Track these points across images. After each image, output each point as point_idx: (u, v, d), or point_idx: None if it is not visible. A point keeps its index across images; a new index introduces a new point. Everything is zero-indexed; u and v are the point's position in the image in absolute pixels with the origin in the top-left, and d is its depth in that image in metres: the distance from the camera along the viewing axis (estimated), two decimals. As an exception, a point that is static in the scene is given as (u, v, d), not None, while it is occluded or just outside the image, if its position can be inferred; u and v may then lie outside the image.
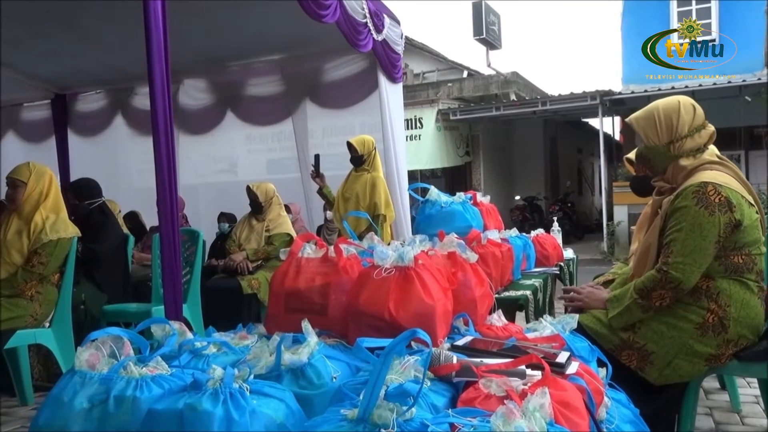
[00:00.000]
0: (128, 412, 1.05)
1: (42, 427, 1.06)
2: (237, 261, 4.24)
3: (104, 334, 1.17)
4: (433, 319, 1.42)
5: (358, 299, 1.45)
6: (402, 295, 1.43)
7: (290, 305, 1.53)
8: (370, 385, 0.92)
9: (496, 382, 1.13)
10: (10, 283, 2.85)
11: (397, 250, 1.48)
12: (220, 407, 0.99)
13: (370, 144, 4.37)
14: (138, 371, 1.12)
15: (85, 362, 1.12)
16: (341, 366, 1.30)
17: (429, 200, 2.44)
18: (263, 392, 1.08)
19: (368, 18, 4.84)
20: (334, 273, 1.54)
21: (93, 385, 1.09)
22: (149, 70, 2.87)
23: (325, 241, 5.07)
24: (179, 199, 3.54)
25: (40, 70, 5.85)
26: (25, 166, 3.09)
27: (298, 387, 1.19)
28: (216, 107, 6.16)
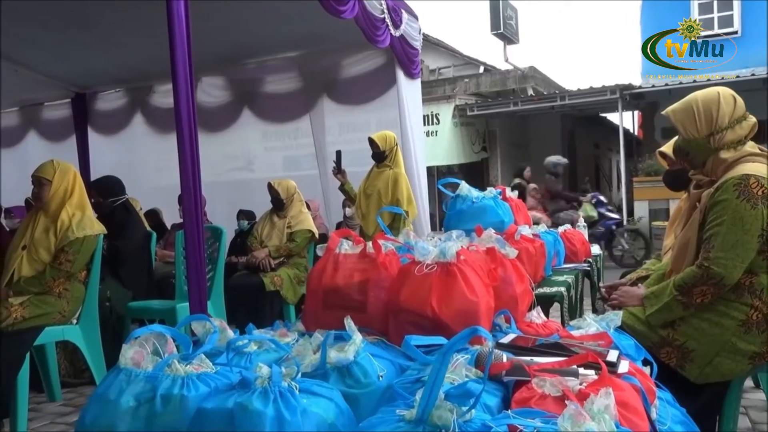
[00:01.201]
0: (176, 411, 1.03)
1: (89, 425, 1.04)
2: (259, 258, 4.23)
3: (147, 331, 1.15)
4: (477, 317, 1.38)
5: (399, 296, 1.42)
6: (444, 291, 1.39)
7: (329, 302, 1.50)
8: (428, 384, 0.89)
9: (550, 381, 1.09)
10: (39, 280, 2.85)
11: (439, 246, 1.44)
12: (271, 406, 0.97)
13: (392, 140, 4.34)
14: (183, 369, 1.10)
15: (130, 360, 1.10)
16: (385, 364, 1.27)
17: (460, 195, 2.40)
18: (312, 391, 1.05)
19: (386, 13, 4.81)
20: (373, 269, 1.51)
21: (139, 383, 1.07)
22: (173, 68, 2.86)
23: (345, 238, 5.03)
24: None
25: (60, 69, 5.89)
26: (49, 164, 3.09)
27: (344, 386, 1.17)
28: (233, 105, 6.17)
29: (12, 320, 2.68)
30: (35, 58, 5.49)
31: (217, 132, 6.22)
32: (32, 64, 5.64)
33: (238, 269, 4.41)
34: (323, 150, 5.88)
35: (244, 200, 5.52)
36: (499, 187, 2.66)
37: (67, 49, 5.27)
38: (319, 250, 1.58)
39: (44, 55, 5.42)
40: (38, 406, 3.12)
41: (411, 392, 1.06)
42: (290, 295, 4.21)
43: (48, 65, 5.74)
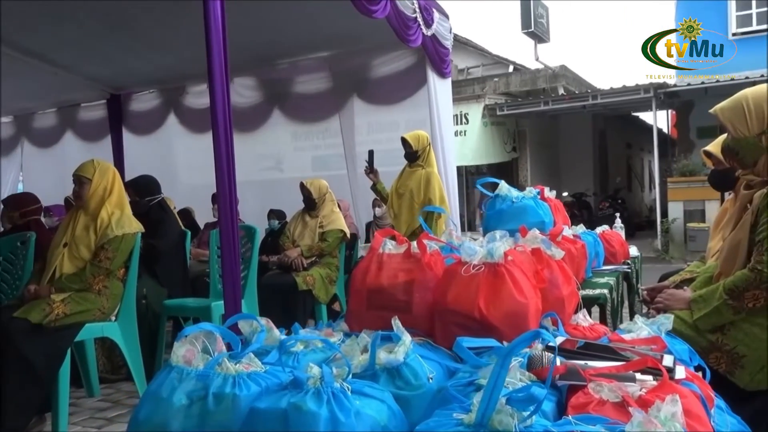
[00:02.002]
0: (228, 410, 1.03)
1: (142, 422, 1.05)
2: (292, 257, 4.25)
3: (197, 329, 1.15)
4: (526, 319, 1.35)
5: (446, 297, 1.40)
6: (492, 292, 1.36)
7: (373, 302, 1.49)
8: (488, 388, 0.87)
9: (608, 386, 1.06)
10: (79, 277, 2.90)
11: (486, 246, 1.41)
12: (325, 407, 0.96)
13: (424, 139, 4.31)
14: (234, 368, 1.09)
15: (181, 358, 1.10)
16: (434, 366, 1.25)
17: (499, 195, 2.36)
18: (364, 392, 1.04)
19: (418, 13, 4.80)
20: (418, 269, 1.49)
21: (190, 381, 1.07)
22: (209, 69, 2.88)
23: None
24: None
25: (96, 70, 6.01)
26: (89, 163, 3.14)
27: (394, 387, 1.15)
28: (264, 105, 6.20)
29: (54, 316, 2.73)
30: (72, 59, 5.61)
31: (247, 132, 6.27)
32: (70, 66, 5.76)
33: (270, 268, 4.43)
34: (352, 150, 5.88)
35: (274, 200, 5.56)
36: (538, 187, 2.62)
37: (104, 50, 5.36)
38: (362, 249, 1.56)
39: (81, 56, 5.53)
40: (77, 401, 3.17)
41: (465, 395, 1.04)
42: (322, 295, 4.22)
43: (85, 67, 5.85)
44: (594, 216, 11.74)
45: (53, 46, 5.24)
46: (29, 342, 2.64)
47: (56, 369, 2.72)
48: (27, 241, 3.43)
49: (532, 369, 1.16)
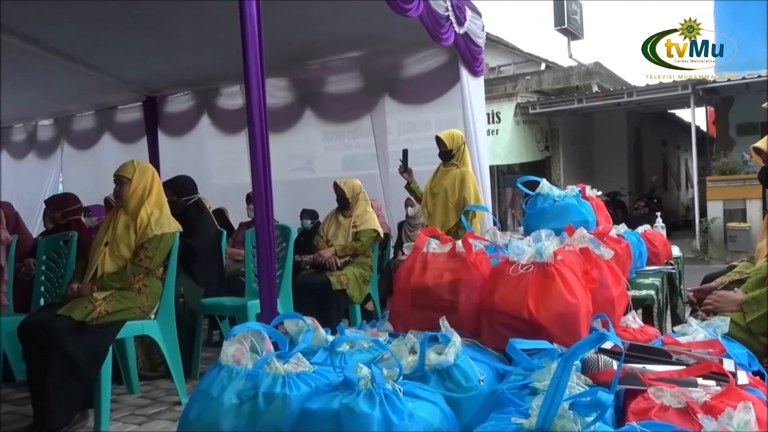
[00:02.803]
0: (278, 410, 1.02)
1: (193, 421, 1.04)
2: (326, 257, 4.26)
3: (245, 328, 1.14)
4: (578, 320, 1.31)
5: (493, 297, 1.37)
6: (542, 293, 1.33)
7: (417, 302, 1.46)
8: (549, 392, 0.84)
9: (669, 392, 1.01)
10: (120, 276, 2.94)
11: (535, 245, 1.38)
12: (378, 409, 0.94)
13: (459, 138, 4.27)
14: (283, 368, 1.08)
15: (231, 357, 1.09)
16: (483, 368, 1.22)
17: (541, 193, 2.31)
18: (415, 394, 1.02)
19: (450, 11, 4.76)
20: (463, 269, 1.46)
21: (240, 381, 1.06)
22: (245, 69, 2.90)
23: (406, 238, 5.01)
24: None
25: (132, 73, 6.12)
26: (129, 163, 3.19)
27: (445, 389, 1.13)
28: (295, 105, 6.23)
29: (96, 314, 2.77)
30: (110, 62, 5.73)
31: (279, 132, 6.30)
32: (107, 69, 5.88)
33: (303, 268, 4.45)
34: (384, 150, 5.86)
35: (305, 200, 5.59)
36: (579, 185, 2.56)
37: (140, 53, 5.46)
38: (406, 248, 1.54)
39: (118, 59, 5.64)
40: (118, 398, 3.22)
41: (520, 399, 1.01)
42: (356, 294, 4.22)
43: (121, 69, 5.97)
44: (629, 216, 11.49)
45: (92, 50, 5.36)
46: (73, 339, 2.69)
47: (99, 366, 2.77)
48: (69, 240, 3.50)
49: (587, 372, 1.12)
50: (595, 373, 1.12)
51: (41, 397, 2.67)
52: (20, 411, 3.08)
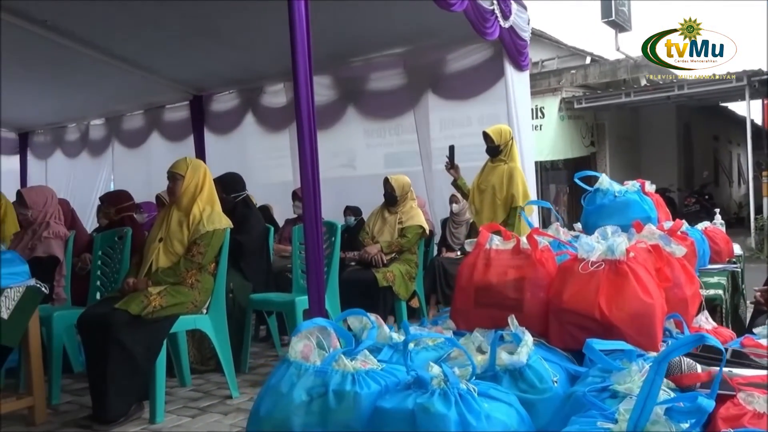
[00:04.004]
0: (350, 408, 1.00)
1: (263, 417, 1.04)
2: (372, 253, 4.25)
3: (312, 324, 1.13)
4: (653, 320, 1.25)
5: (561, 296, 1.32)
6: (614, 291, 1.28)
7: (480, 300, 1.43)
8: (641, 396, 0.79)
9: (762, 397, 0.95)
10: (174, 271, 2.99)
11: (606, 242, 1.32)
12: (454, 409, 0.91)
13: (507, 134, 4.19)
14: (351, 365, 1.06)
15: (299, 353, 1.08)
16: (555, 368, 1.18)
17: (600, 189, 2.24)
18: (490, 395, 0.99)
19: (495, 5, 4.69)
20: (528, 266, 1.42)
21: (309, 378, 1.05)
22: (294, 67, 2.90)
23: (450, 235, 4.95)
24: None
25: (180, 73, 6.24)
26: (182, 160, 3.24)
27: (518, 390, 1.09)
28: (338, 103, 6.24)
29: (151, 309, 2.83)
30: (159, 63, 5.86)
31: (322, 130, 6.27)
32: (156, 69, 6.02)
33: (347, 264, 4.45)
34: (427, 146, 5.82)
35: (347, 197, 5.59)
36: (639, 181, 2.47)
37: (187, 54, 5.57)
38: (468, 245, 1.51)
39: (167, 60, 5.76)
40: (170, 390, 3.28)
41: (600, 401, 0.97)
42: (402, 291, 4.20)
43: (170, 70, 6.10)
44: (679, 213, 11.13)
45: (141, 51, 5.49)
46: (130, 332, 2.75)
47: (154, 359, 2.83)
48: (124, 236, 3.59)
49: (669, 375, 1.07)
50: (678, 376, 1.06)
51: (100, 388, 2.74)
52: (79, 401, 3.17)
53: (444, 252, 5.30)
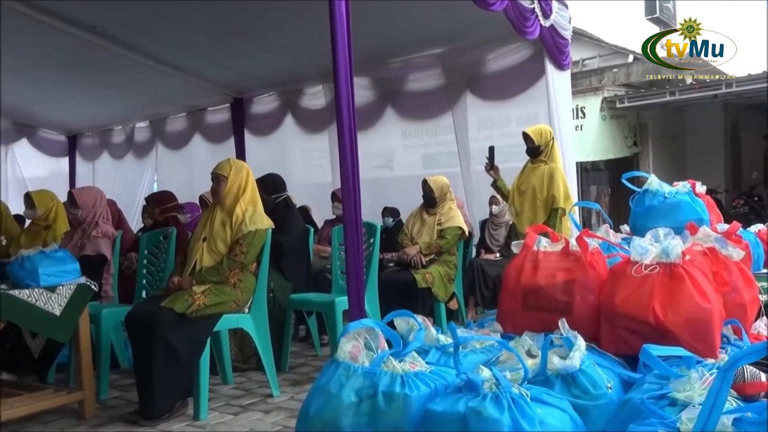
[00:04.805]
0: (399, 410, 1.00)
1: (313, 417, 1.04)
2: (411, 254, 4.24)
3: (360, 325, 1.13)
4: (711, 326, 1.21)
5: (613, 299, 1.29)
6: (669, 295, 1.24)
7: (528, 302, 1.41)
8: (707, 404, 0.76)
9: (834, 409, 0.91)
10: (217, 270, 3.05)
11: (660, 244, 1.28)
12: (507, 414, 0.90)
13: (547, 134, 4.13)
14: (400, 367, 1.06)
15: (348, 354, 1.08)
16: (608, 374, 1.15)
17: (649, 190, 2.17)
18: (543, 400, 0.97)
19: (536, 3, 4.62)
20: (578, 269, 1.39)
21: (358, 379, 1.05)
22: (334, 68, 2.92)
23: (489, 236, 4.89)
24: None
25: (221, 76, 6.36)
26: (226, 162, 3.30)
27: (570, 396, 1.06)
28: (376, 104, 6.25)
29: (196, 307, 2.89)
30: (201, 66, 5.98)
31: (360, 131, 6.31)
32: (198, 73, 6.15)
33: (385, 265, 4.45)
34: (466, 147, 5.78)
35: (384, 198, 5.60)
36: (690, 182, 2.39)
37: (229, 57, 5.67)
38: (515, 247, 1.48)
39: (208, 63, 5.88)
40: (213, 388, 3.33)
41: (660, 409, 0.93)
42: (441, 293, 4.17)
43: (211, 73, 6.22)
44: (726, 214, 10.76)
45: (184, 55, 5.62)
46: (175, 330, 2.81)
47: (198, 356, 2.88)
48: (169, 235, 3.67)
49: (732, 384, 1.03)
50: (741, 384, 1.02)
51: (146, 384, 2.81)
52: (126, 396, 3.25)
53: (483, 253, 5.25)
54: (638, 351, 1.17)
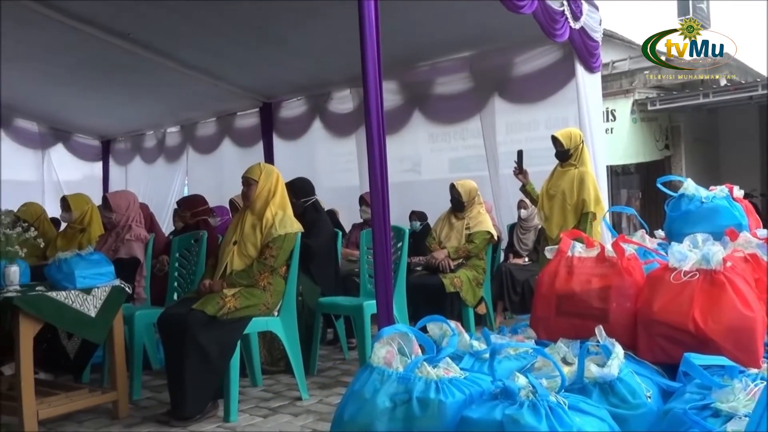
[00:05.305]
0: (434, 417, 0.99)
1: (347, 422, 1.04)
2: (439, 259, 4.23)
3: (394, 330, 1.13)
4: (753, 334, 1.18)
5: (651, 306, 1.26)
6: (710, 303, 1.21)
7: (563, 308, 1.39)
8: (755, 417, 0.74)
9: None
10: (247, 273, 3.08)
11: (699, 251, 1.26)
12: (544, 423, 0.88)
13: (577, 137, 4.07)
14: (435, 373, 1.05)
15: (382, 359, 1.08)
16: (646, 382, 1.12)
17: (685, 194, 2.12)
18: (580, 408, 0.95)
19: (565, 5, 4.57)
20: (614, 275, 1.36)
21: (392, 384, 1.05)
22: (363, 72, 2.93)
23: (518, 241, 4.84)
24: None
25: (250, 81, 6.44)
26: (256, 166, 3.33)
27: (608, 404, 1.05)
28: (404, 108, 6.25)
29: (226, 310, 2.92)
30: (232, 72, 6.07)
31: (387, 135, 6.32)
32: (229, 79, 6.25)
33: (413, 269, 4.44)
34: (494, 151, 5.75)
35: (411, 202, 5.59)
36: (727, 186, 2.33)
37: (259, 62, 5.74)
38: (548, 252, 1.47)
39: (238, 69, 5.97)
40: (242, 390, 3.36)
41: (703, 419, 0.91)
42: (470, 298, 4.15)
43: (240, 78, 6.31)
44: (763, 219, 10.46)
45: (214, 61, 5.71)
46: (206, 332, 2.85)
47: (228, 359, 2.91)
48: (200, 239, 3.72)
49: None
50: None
51: (178, 385, 2.85)
52: (158, 397, 3.30)
53: (511, 258, 5.20)
54: (676, 359, 1.14)
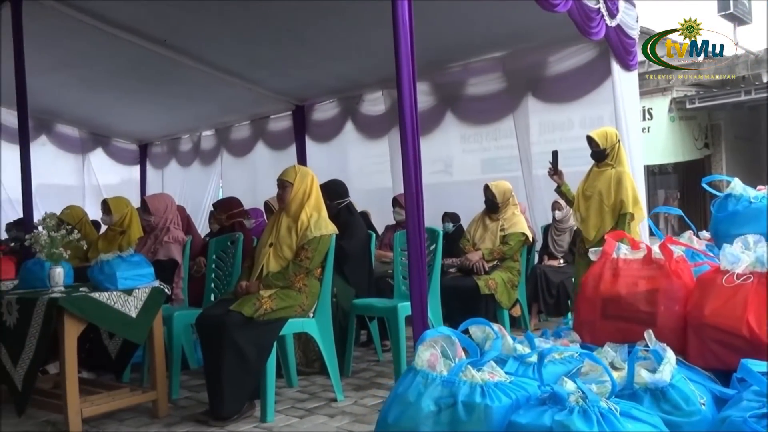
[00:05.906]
0: (480, 421, 0.98)
1: (391, 425, 1.04)
2: (473, 261, 4.19)
3: (437, 333, 1.12)
4: (812, 340, 1.13)
5: (702, 310, 1.23)
6: (765, 307, 1.16)
7: (608, 312, 1.36)
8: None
9: None
10: (283, 275, 3.10)
11: (753, 252, 1.21)
12: (596, 429, 0.86)
13: (613, 137, 3.99)
14: (479, 376, 1.04)
15: (425, 362, 1.07)
16: (699, 389, 1.09)
17: (732, 194, 2.05)
18: (632, 415, 0.93)
19: (601, 3, 4.48)
20: (662, 277, 1.33)
21: (436, 387, 1.04)
22: (397, 73, 2.91)
23: (553, 242, 4.76)
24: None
25: (284, 85, 6.50)
26: (291, 168, 3.36)
27: (660, 411, 1.01)
28: (436, 109, 6.21)
29: (263, 311, 2.95)
30: (264, 76, 6.14)
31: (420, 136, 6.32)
32: (263, 82, 6.32)
33: (446, 271, 4.42)
34: (527, 151, 5.67)
35: (444, 203, 5.55)
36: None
37: (292, 66, 5.79)
38: (593, 254, 1.43)
39: (271, 73, 6.03)
40: (279, 390, 3.38)
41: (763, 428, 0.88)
42: (504, 300, 4.11)
43: (274, 82, 6.38)
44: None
45: (248, 65, 5.79)
46: (243, 333, 2.88)
47: (265, 359, 2.94)
48: (236, 240, 3.77)
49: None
50: None
51: (216, 386, 2.89)
52: (196, 397, 3.36)
53: (546, 260, 5.13)
54: (729, 365, 1.11)
